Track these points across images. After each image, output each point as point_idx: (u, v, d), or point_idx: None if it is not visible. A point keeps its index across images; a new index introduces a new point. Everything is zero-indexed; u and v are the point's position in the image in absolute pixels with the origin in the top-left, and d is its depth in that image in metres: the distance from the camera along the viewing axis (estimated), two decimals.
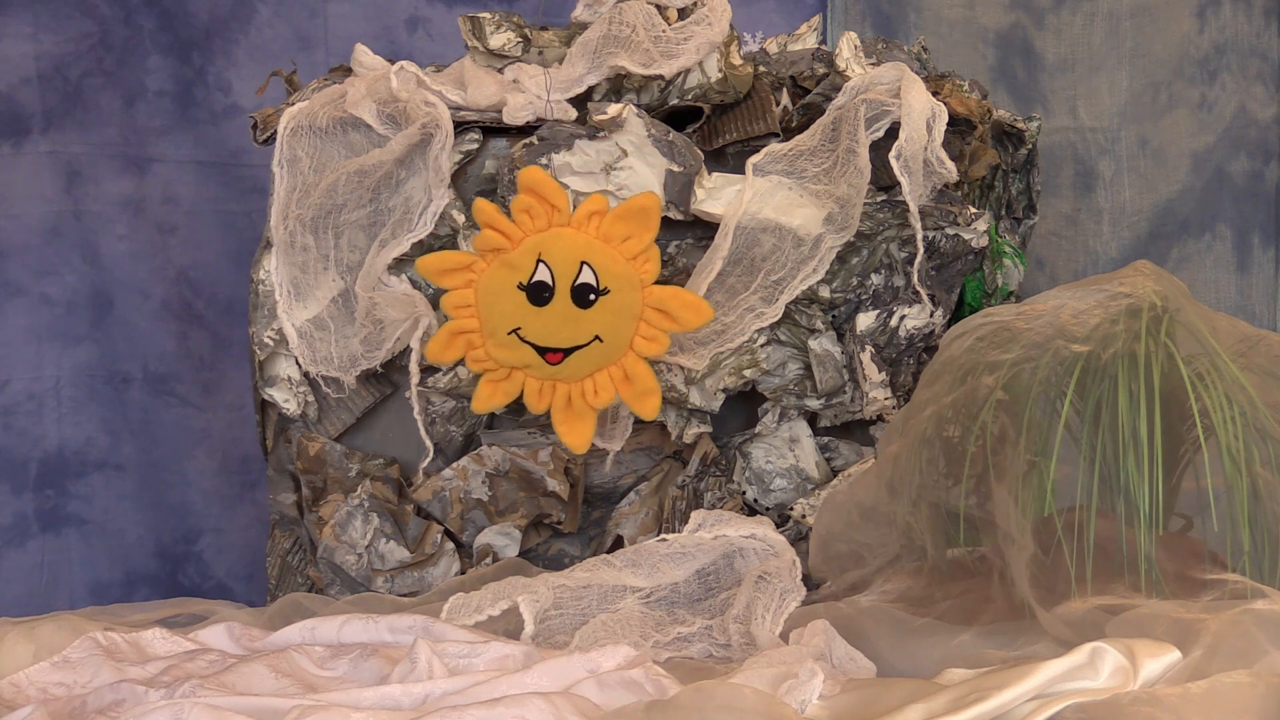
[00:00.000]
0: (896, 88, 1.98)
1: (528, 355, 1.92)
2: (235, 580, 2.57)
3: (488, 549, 2.02)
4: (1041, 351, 1.55)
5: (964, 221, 2.01)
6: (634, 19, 2.00)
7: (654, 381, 1.92)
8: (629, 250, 1.90)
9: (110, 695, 1.45)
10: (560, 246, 1.90)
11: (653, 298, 1.91)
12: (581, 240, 1.90)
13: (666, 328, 1.91)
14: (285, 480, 2.12)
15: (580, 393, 1.93)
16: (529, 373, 1.93)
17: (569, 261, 1.90)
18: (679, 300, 1.91)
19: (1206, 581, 1.48)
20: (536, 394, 1.94)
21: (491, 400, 1.94)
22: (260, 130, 2.11)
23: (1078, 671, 1.30)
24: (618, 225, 1.90)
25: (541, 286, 1.91)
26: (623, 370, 1.92)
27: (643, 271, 1.91)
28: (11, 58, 2.50)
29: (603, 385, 1.93)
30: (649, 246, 1.91)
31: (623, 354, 1.92)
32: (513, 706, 1.30)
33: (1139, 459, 1.49)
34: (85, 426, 2.53)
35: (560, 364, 1.92)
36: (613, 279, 1.90)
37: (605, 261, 1.90)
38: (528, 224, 1.90)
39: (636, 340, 1.92)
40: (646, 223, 1.90)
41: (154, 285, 2.54)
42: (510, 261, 1.91)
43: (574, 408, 1.94)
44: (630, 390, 1.93)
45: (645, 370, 1.92)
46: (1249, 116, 2.60)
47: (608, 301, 1.90)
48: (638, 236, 1.90)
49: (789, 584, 1.71)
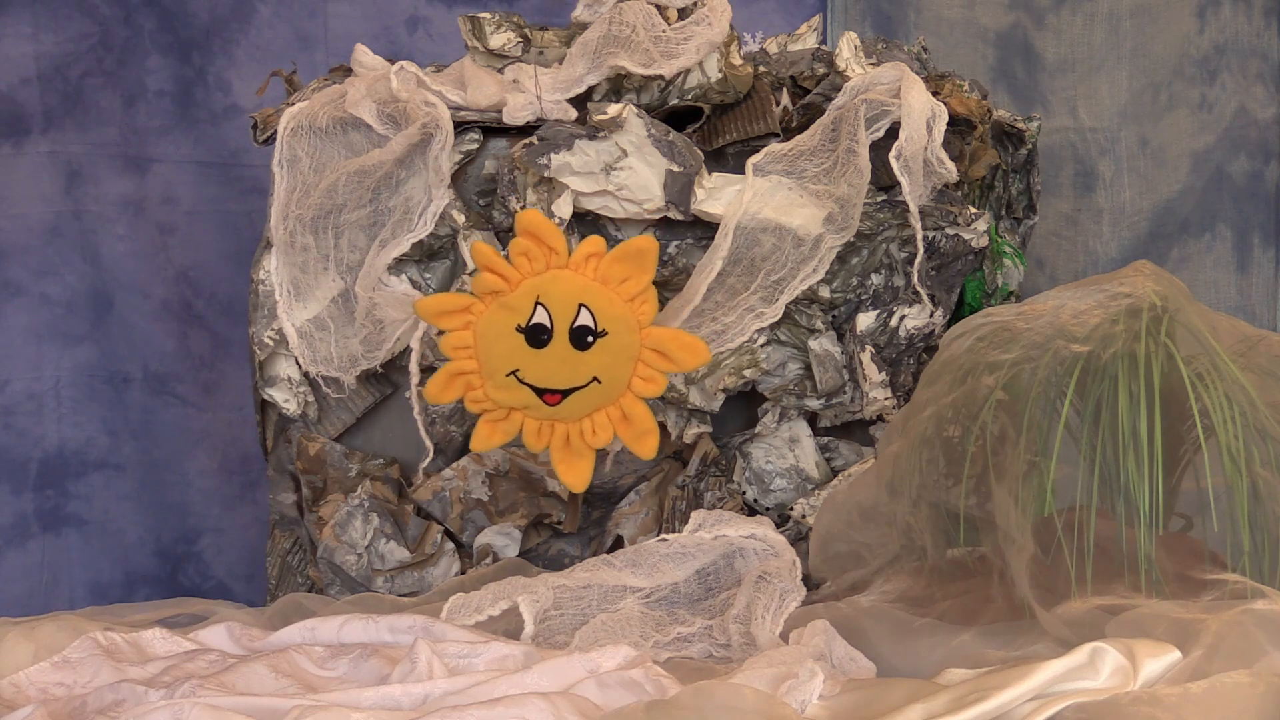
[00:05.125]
0: (896, 88, 1.98)
1: (526, 396, 1.92)
2: (235, 580, 2.57)
3: (488, 549, 2.02)
4: (1041, 351, 1.55)
5: (964, 221, 2.01)
6: (634, 19, 2.00)
7: (652, 422, 1.93)
8: (627, 292, 1.90)
9: (110, 695, 1.45)
10: (558, 289, 1.90)
11: (651, 339, 1.91)
12: (579, 282, 1.90)
13: (664, 368, 1.92)
14: (285, 480, 2.12)
15: (579, 432, 1.93)
16: (528, 413, 1.94)
17: (567, 304, 1.90)
18: (677, 342, 1.91)
19: (1206, 581, 1.48)
20: (535, 434, 1.94)
21: (490, 440, 1.95)
22: (260, 130, 2.11)
23: (1078, 671, 1.30)
24: (615, 267, 1.90)
25: (540, 329, 1.90)
26: (621, 410, 1.93)
27: (640, 313, 1.90)
28: (11, 58, 2.50)
29: (601, 425, 1.93)
30: (646, 288, 1.90)
31: (621, 394, 1.92)
32: (513, 706, 1.30)
33: (1139, 459, 1.49)
34: (85, 426, 2.53)
35: (559, 405, 1.92)
36: (610, 321, 1.90)
37: (603, 304, 1.90)
38: (526, 266, 1.90)
39: (634, 381, 1.92)
40: (644, 264, 1.90)
41: (154, 285, 2.54)
42: (508, 304, 1.91)
43: (572, 447, 1.94)
44: (629, 430, 1.93)
45: (643, 410, 1.92)
46: (1249, 116, 2.60)
47: (606, 343, 1.90)
48: (635, 278, 1.90)
49: (789, 584, 1.71)
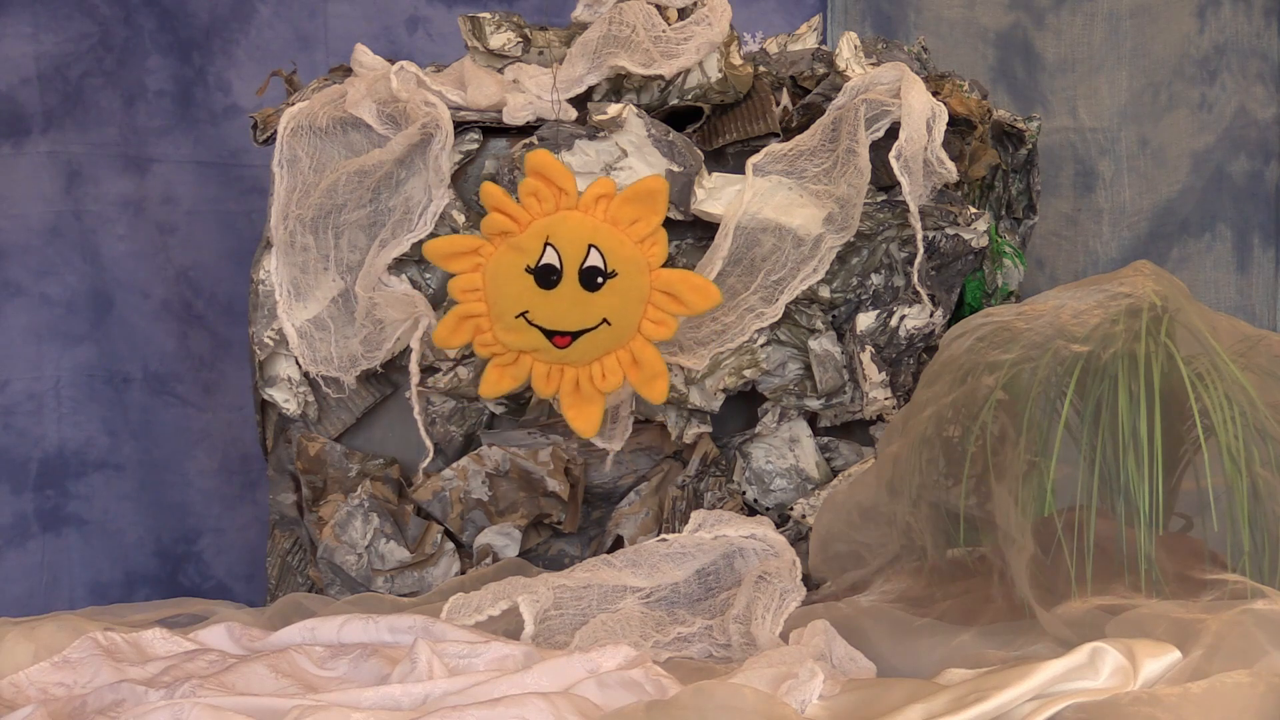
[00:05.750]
0: (896, 88, 1.98)
1: (536, 339, 1.92)
2: (235, 580, 2.56)
3: (488, 549, 2.02)
4: (1041, 351, 1.55)
5: (964, 221, 2.01)
6: (634, 19, 2.00)
7: (662, 365, 1.92)
8: (637, 233, 1.90)
9: (110, 695, 1.45)
10: (568, 229, 1.90)
11: (660, 280, 1.91)
12: (589, 223, 1.90)
13: (674, 311, 1.91)
14: (285, 480, 2.12)
15: (588, 377, 1.93)
16: (537, 357, 1.93)
17: (577, 244, 1.90)
18: (687, 283, 1.91)
19: (1206, 581, 1.48)
20: (544, 378, 1.93)
21: (499, 385, 1.94)
22: (260, 130, 2.11)
23: (1078, 671, 1.30)
24: (625, 208, 1.90)
25: (549, 269, 1.90)
26: (631, 354, 1.92)
27: (650, 254, 1.90)
28: (11, 58, 2.50)
29: (611, 369, 1.92)
30: (657, 229, 1.90)
31: (631, 337, 1.92)
32: (513, 706, 1.30)
33: (1139, 459, 1.49)
34: (85, 426, 2.53)
35: (568, 347, 1.91)
36: (621, 262, 1.90)
37: (613, 244, 1.89)
38: (535, 207, 1.90)
39: (644, 324, 1.91)
40: (654, 205, 1.89)
41: (154, 285, 2.54)
42: (518, 245, 1.90)
43: (582, 392, 1.93)
44: (638, 374, 1.92)
45: (653, 354, 1.91)
46: (1249, 116, 2.60)
47: (616, 284, 1.90)
48: (645, 219, 1.90)
49: (789, 584, 1.71)
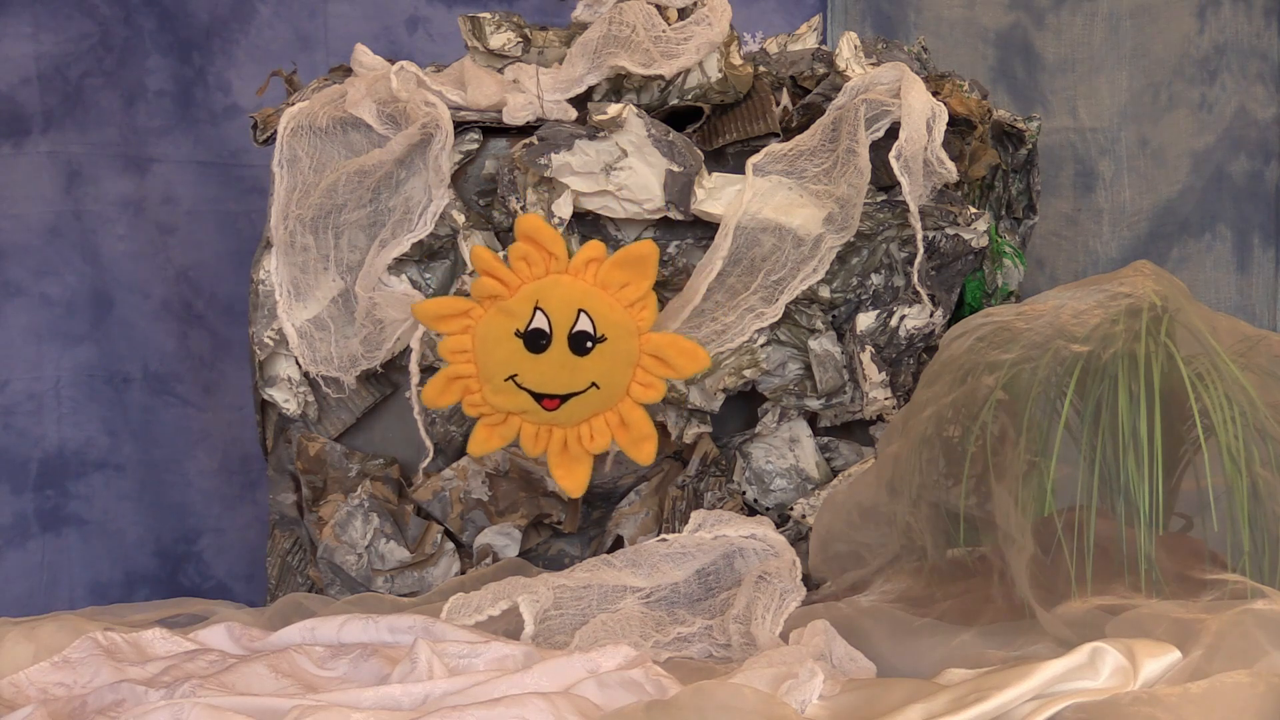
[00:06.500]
0: (896, 88, 1.98)
1: (524, 401, 1.92)
2: (235, 580, 2.57)
3: (488, 549, 2.02)
4: (1041, 351, 1.55)
5: (964, 221, 2.01)
6: (634, 19, 2.00)
7: (650, 428, 1.93)
8: (626, 297, 1.90)
9: (110, 695, 1.45)
10: (558, 294, 1.90)
11: (650, 345, 1.91)
12: (579, 288, 1.90)
13: (663, 374, 1.92)
14: (285, 480, 2.12)
15: (576, 438, 1.93)
16: (525, 418, 1.94)
17: (566, 309, 1.90)
18: (675, 347, 1.91)
19: (1206, 581, 1.48)
20: (533, 438, 1.94)
21: (488, 444, 1.95)
22: (260, 130, 2.11)
23: (1078, 671, 1.30)
24: (615, 273, 1.90)
25: (539, 334, 1.90)
26: (619, 416, 1.93)
27: (640, 319, 1.90)
28: (11, 58, 2.50)
29: (599, 431, 1.93)
30: (646, 294, 1.90)
31: (620, 400, 1.92)
32: (513, 706, 1.30)
33: (1139, 459, 1.49)
34: (85, 426, 2.53)
35: (557, 410, 1.92)
36: (610, 326, 1.90)
37: (602, 309, 1.90)
38: (525, 271, 1.90)
39: (633, 387, 1.92)
40: (644, 270, 1.90)
41: (154, 285, 2.54)
42: (507, 309, 1.91)
43: (570, 452, 1.94)
44: (626, 436, 1.93)
45: (642, 416, 1.92)
46: (1249, 116, 2.60)
47: (605, 349, 1.90)
48: (635, 284, 1.90)
49: (789, 584, 1.71)
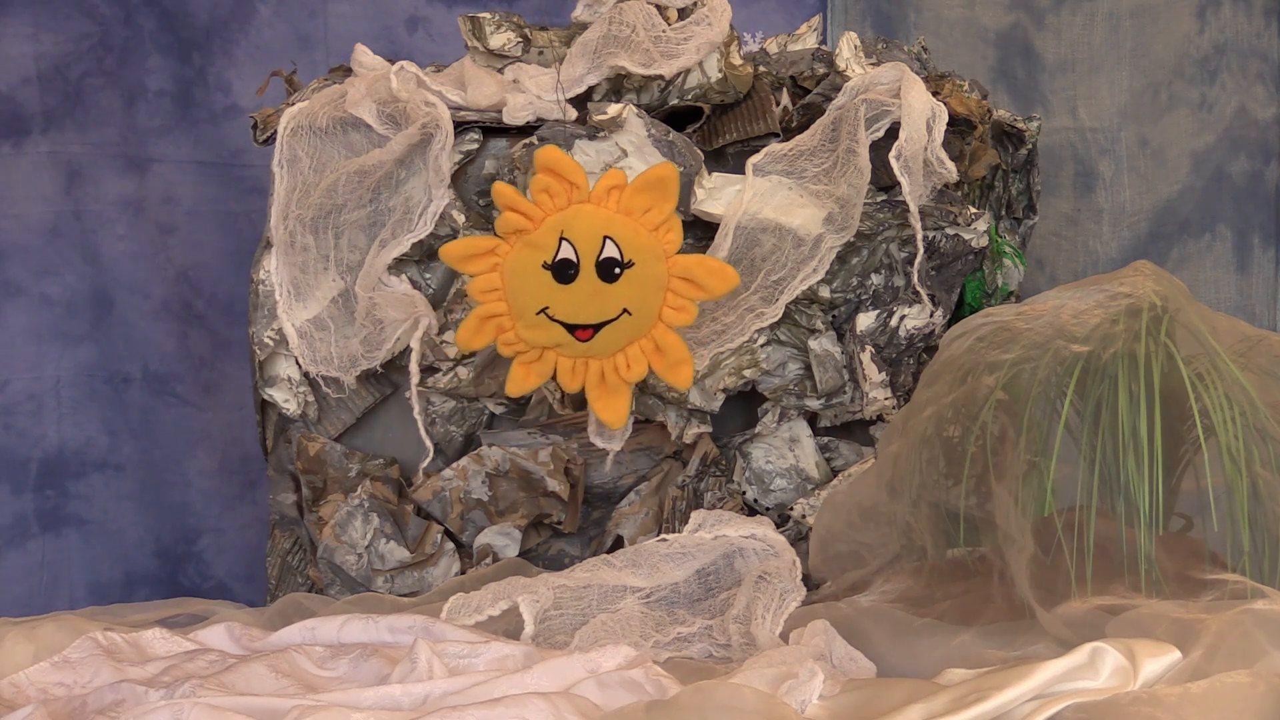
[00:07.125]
0: (896, 88, 1.98)
1: (558, 334, 1.92)
2: (235, 580, 2.57)
3: (488, 549, 2.02)
4: (1041, 351, 1.55)
5: (964, 221, 2.01)
6: (634, 19, 2.00)
7: (685, 351, 1.92)
8: (650, 221, 1.90)
9: (110, 695, 1.45)
10: (582, 223, 1.90)
11: (678, 267, 1.91)
12: (602, 215, 1.90)
13: (694, 296, 1.91)
14: (285, 480, 2.12)
15: (613, 368, 1.93)
16: (560, 352, 1.93)
17: (591, 237, 1.90)
18: (704, 267, 1.91)
19: (1206, 581, 1.48)
20: (570, 372, 1.93)
21: (526, 382, 1.94)
22: (260, 130, 2.11)
23: (1078, 671, 1.30)
24: (638, 198, 1.90)
25: (566, 264, 1.90)
26: (653, 342, 1.92)
27: (665, 242, 1.90)
28: (11, 58, 2.50)
29: (635, 358, 1.93)
30: (670, 217, 1.90)
31: (652, 325, 1.92)
32: (513, 706, 1.30)
33: (1139, 459, 1.49)
34: (85, 426, 2.53)
35: (591, 340, 1.92)
36: (636, 251, 1.90)
37: (628, 234, 1.89)
38: (547, 203, 1.90)
39: (665, 311, 1.91)
40: (666, 193, 1.89)
41: (154, 285, 2.54)
42: (533, 242, 1.90)
43: (608, 383, 1.93)
44: (662, 361, 1.92)
45: (676, 340, 1.92)
46: (1249, 116, 2.60)
47: (633, 274, 1.90)
48: (658, 207, 1.90)
49: (789, 584, 1.71)
